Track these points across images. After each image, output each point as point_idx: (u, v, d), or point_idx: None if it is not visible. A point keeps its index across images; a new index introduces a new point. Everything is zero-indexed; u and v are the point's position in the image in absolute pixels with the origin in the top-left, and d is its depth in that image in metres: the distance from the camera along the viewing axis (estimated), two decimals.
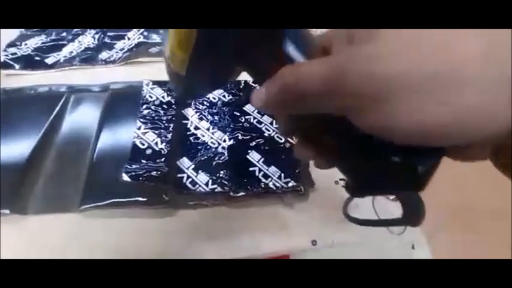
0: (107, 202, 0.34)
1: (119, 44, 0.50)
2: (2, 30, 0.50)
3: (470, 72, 0.11)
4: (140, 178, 0.35)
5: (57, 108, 0.41)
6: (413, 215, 0.18)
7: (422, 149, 0.13)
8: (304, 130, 0.19)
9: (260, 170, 0.37)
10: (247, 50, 0.17)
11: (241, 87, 0.46)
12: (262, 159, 0.38)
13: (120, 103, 0.43)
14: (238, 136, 0.40)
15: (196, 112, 0.43)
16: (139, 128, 0.39)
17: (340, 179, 0.39)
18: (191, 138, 0.40)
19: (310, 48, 0.16)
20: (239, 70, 0.21)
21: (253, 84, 0.46)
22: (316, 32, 0.18)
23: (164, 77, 0.45)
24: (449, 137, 0.12)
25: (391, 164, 0.15)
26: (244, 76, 0.21)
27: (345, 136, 0.16)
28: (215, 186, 0.36)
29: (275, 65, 0.15)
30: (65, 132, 0.40)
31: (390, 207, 0.39)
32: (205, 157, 0.38)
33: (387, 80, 0.12)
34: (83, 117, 0.41)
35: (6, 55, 0.47)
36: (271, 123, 0.42)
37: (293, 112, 0.17)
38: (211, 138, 0.40)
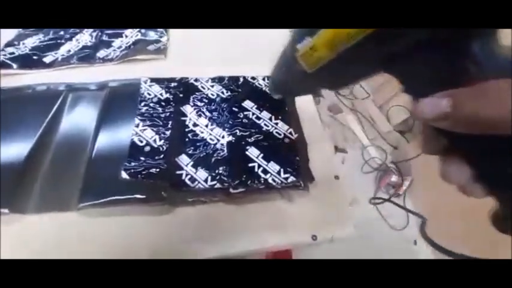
0: (105, 200, 0.34)
1: (117, 42, 0.50)
2: (1, 30, 0.50)
3: None
4: (139, 175, 0.35)
5: (56, 107, 0.41)
6: None
7: None
8: (465, 150, 0.17)
9: (259, 166, 0.37)
10: (402, 56, 0.16)
11: (239, 83, 0.46)
12: (262, 154, 0.38)
13: (118, 101, 0.42)
14: (237, 132, 0.40)
15: (194, 109, 0.43)
16: (137, 126, 0.39)
17: (336, 177, 0.38)
18: (190, 134, 0.40)
19: (502, 63, 0.14)
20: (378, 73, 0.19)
21: (252, 80, 0.46)
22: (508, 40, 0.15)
23: (162, 74, 0.45)
24: None
25: None
26: (244, 71, 0.21)
27: None
28: (214, 182, 0.36)
29: (450, 79, 0.14)
30: (63, 130, 0.40)
31: (389, 206, 0.39)
32: (204, 154, 0.38)
33: None
34: (81, 115, 0.41)
35: (4, 55, 0.47)
36: (270, 119, 0.42)
37: (471, 132, 0.14)
38: (210, 134, 0.40)
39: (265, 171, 0.37)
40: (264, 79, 0.46)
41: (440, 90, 0.15)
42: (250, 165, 0.37)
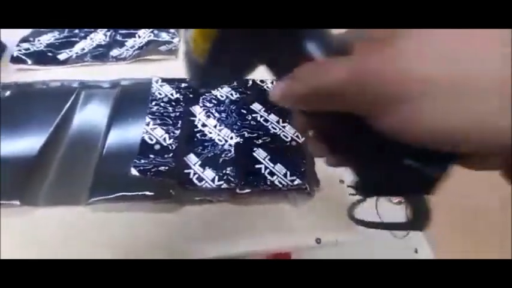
0: (114, 195, 0.35)
1: (130, 42, 0.51)
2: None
3: (494, 81, 0.11)
4: (148, 173, 0.35)
5: (69, 103, 0.42)
6: (420, 219, 0.18)
7: (437, 154, 0.13)
8: (319, 127, 0.19)
9: (266, 168, 0.38)
10: (268, 46, 0.17)
11: (248, 85, 0.46)
12: (268, 157, 0.39)
13: (130, 99, 0.43)
14: (244, 134, 0.41)
15: (203, 109, 0.43)
16: (148, 124, 0.40)
17: (341, 181, 0.39)
18: (198, 135, 0.41)
19: (330, 47, 0.16)
20: (257, 64, 0.21)
21: (261, 84, 0.47)
22: (335, 31, 0.18)
23: (173, 74, 0.46)
24: (469, 142, 0.12)
25: (404, 167, 0.15)
26: (253, 75, 0.21)
27: (361, 136, 0.16)
28: (221, 182, 0.36)
29: (296, 62, 0.15)
30: (76, 127, 0.41)
31: (393, 209, 0.39)
32: (212, 154, 0.39)
33: (412, 81, 0.12)
34: (93, 112, 0.42)
35: (19, 50, 0.48)
36: (278, 122, 0.42)
37: (311, 108, 0.17)
38: (218, 135, 0.41)
39: (271, 173, 0.37)
40: (272, 82, 0.47)
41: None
42: (257, 166, 0.38)
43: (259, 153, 0.39)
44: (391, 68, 0.12)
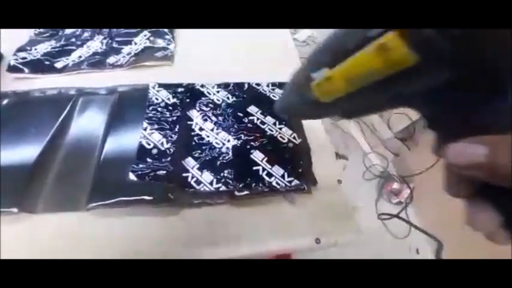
0: (113, 200, 0.35)
1: (126, 49, 0.51)
2: (13, 35, 0.52)
3: None
4: (146, 177, 0.36)
5: (66, 110, 0.42)
6: None
7: None
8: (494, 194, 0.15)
9: (264, 169, 0.38)
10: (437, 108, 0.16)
11: (244, 89, 0.47)
12: (266, 158, 0.39)
13: (127, 105, 0.44)
14: (241, 136, 0.41)
15: (200, 113, 0.44)
16: (145, 129, 0.40)
17: (339, 181, 0.39)
18: (196, 138, 0.41)
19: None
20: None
21: (256, 87, 0.47)
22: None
23: (169, 80, 0.47)
24: None
25: None
26: (248, 78, 0.21)
27: None
28: (219, 185, 0.36)
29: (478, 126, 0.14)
30: (74, 133, 0.41)
31: (392, 208, 0.39)
32: (210, 157, 0.39)
33: None
34: (91, 118, 0.42)
35: (16, 59, 0.49)
36: (274, 124, 0.43)
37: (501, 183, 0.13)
38: (216, 138, 0.41)
39: (269, 175, 0.37)
40: (268, 85, 0.48)
41: (469, 135, 0.14)
42: (254, 168, 0.38)
43: (257, 155, 0.39)
44: None
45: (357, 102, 0.18)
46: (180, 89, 0.45)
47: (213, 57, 0.53)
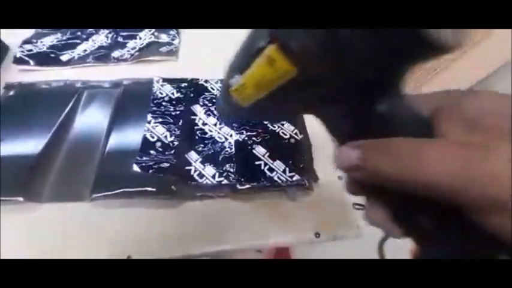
0: (117, 191, 0.35)
1: (131, 43, 0.52)
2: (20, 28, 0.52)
3: None
4: (150, 169, 0.36)
5: (71, 102, 0.43)
6: None
7: None
8: (389, 198, 0.16)
9: (265, 164, 0.38)
10: (331, 108, 0.16)
11: None
12: (268, 153, 0.39)
13: (132, 99, 0.44)
14: (244, 131, 0.41)
15: (204, 108, 0.44)
16: (149, 122, 0.41)
17: (339, 177, 0.40)
18: (199, 133, 0.41)
19: (406, 111, 0.14)
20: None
21: None
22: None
23: (173, 75, 0.47)
24: None
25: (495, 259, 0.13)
26: None
27: (451, 223, 0.14)
28: (222, 179, 0.37)
29: (365, 128, 0.14)
30: (79, 125, 0.42)
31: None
32: (212, 151, 0.40)
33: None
34: (95, 111, 0.43)
35: (22, 51, 0.49)
36: None
37: (396, 187, 0.14)
38: (218, 133, 0.42)
39: (271, 170, 0.38)
40: None
41: (355, 139, 0.15)
42: (256, 163, 0.39)
43: (259, 150, 0.40)
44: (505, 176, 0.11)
45: (270, 106, 0.18)
46: (184, 84, 0.46)
47: (217, 52, 0.53)
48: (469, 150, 0.12)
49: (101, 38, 0.53)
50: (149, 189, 0.35)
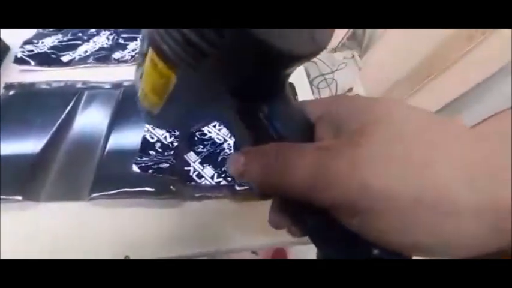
0: (116, 191, 0.35)
1: (132, 45, 0.52)
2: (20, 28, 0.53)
3: (453, 199, 0.11)
4: (149, 169, 0.36)
5: (72, 103, 0.43)
6: None
7: None
8: (284, 203, 0.17)
9: None
10: (227, 112, 0.15)
11: None
12: None
13: (132, 100, 0.44)
14: None
15: None
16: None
17: None
18: (198, 134, 0.42)
19: (298, 123, 0.15)
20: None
21: None
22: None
23: None
24: (434, 254, 0.13)
25: (370, 256, 0.14)
26: None
27: (327, 224, 0.14)
28: (220, 179, 0.37)
29: (257, 134, 0.14)
30: (78, 125, 0.42)
31: None
32: (211, 152, 0.40)
33: (371, 192, 0.11)
34: (95, 112, 0.43)
35: (23, 51, 0.50)
36: None
37: (272, 192, 0.15)
38: (217, 134, 0.42)
39: None
40: None
41: (248, 145, 0.15)
42: None
43: None
44: (354, 175, 0.12)
45: (174, 113, 0.17)
46: None
47: None
48: (322, 153, 0.13)
49: (102, 39, 0.53)
50: (148, 189, 0.36)
